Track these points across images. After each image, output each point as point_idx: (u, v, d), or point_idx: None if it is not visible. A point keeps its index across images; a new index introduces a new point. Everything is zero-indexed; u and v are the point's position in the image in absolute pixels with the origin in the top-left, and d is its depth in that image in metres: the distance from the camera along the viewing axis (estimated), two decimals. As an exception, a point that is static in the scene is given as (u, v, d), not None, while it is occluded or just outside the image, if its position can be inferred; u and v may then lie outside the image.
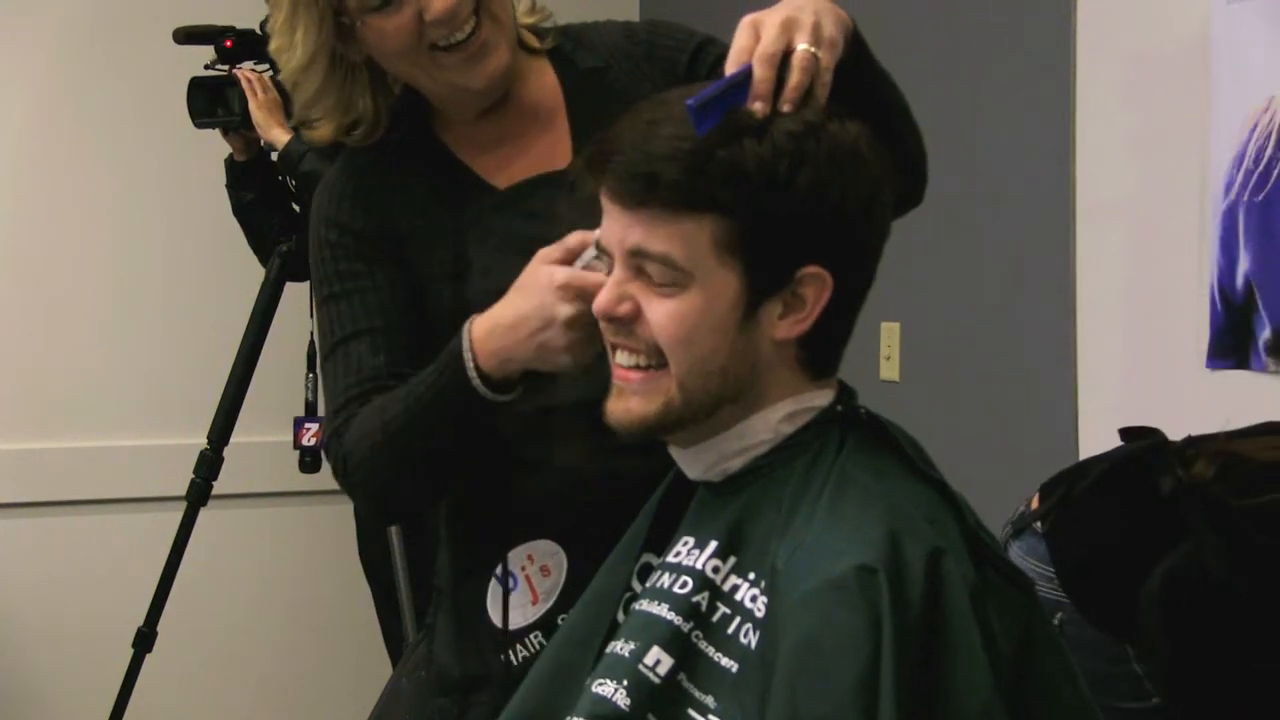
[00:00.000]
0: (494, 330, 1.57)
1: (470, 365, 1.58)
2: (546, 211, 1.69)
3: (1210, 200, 2.69)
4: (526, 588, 1.73)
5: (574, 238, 1.53)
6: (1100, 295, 2.91)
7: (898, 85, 1.63)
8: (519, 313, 1.55)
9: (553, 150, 1.75)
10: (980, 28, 3.22)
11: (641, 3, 4.43)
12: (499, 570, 1.73)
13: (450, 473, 1.70)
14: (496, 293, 1.61)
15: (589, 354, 1.54)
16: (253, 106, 3.31)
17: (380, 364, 1.69)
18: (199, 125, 3.40)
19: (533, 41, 1.80)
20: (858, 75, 1.48)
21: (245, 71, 3.34)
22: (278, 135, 3.31)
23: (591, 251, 1.51)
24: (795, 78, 1.39)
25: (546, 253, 1.54)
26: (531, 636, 1.72)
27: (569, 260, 1.53)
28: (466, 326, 1.59)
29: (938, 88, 2.68)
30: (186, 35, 3.36)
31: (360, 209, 1.75)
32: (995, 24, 3.18)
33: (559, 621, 1.68)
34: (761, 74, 1.38)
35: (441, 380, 1.60)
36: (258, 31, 3.39)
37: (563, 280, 1.51)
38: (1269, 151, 2.75)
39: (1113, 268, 2.88)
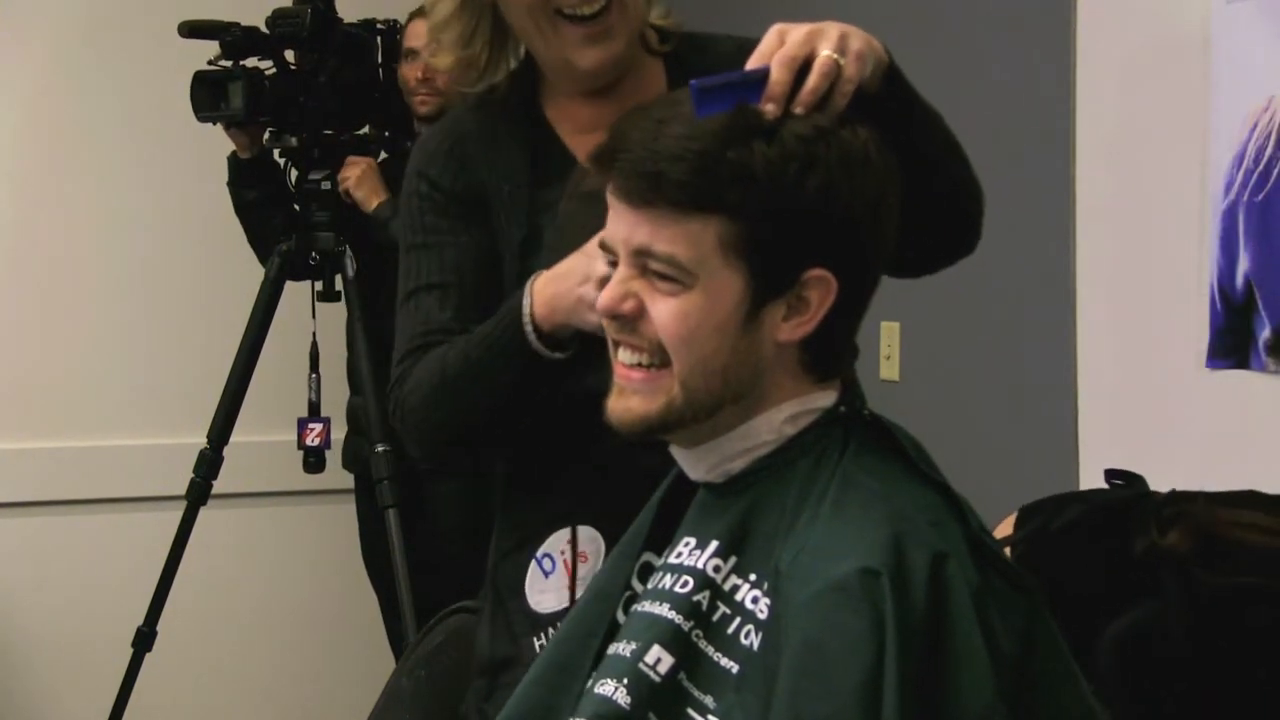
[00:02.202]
0: (549, 280, 1.64)
1: (526, 311, 1.64)
2: None
3: (1210, 200, 2.69)
4: (564, 573, 1.74)
5: None
6: (1100, 295, 2.91)
7: (945, 124, 1.64)
8: (569, 266, 1.63)
9: None
10: (979, 27, 3.22)
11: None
12: (539, 553, 1.75)
13: (499, 429, 1.73)
14: None
15: None
16: (351, 184, 3.39)
17: (447, 319, 1.75)
18: (201, 119, 3.40)
19: (653, 41, 1.83)
20: (892, 106, 1.49)
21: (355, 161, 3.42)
22: (372, 201, 3.44)
23: None
24: (813, 81, 1.39)
25: None
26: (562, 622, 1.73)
27: None
28: (532, 277, 1.66)
29: (936, 88, 2.67)
30: (191, 30, 3.37)
31: (452, 168, 1.80)
32: (994, 23, 3.18)
33: None
34: (778, 76, 1.38)
35: (499, 326, 1.67)
36: (263, 29, 3.39)
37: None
38: (1269, 151, 2.75)
39: (1112, 267, 2.88)
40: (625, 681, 1.35)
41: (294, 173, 3.50)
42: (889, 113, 1.46)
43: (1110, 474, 2.13)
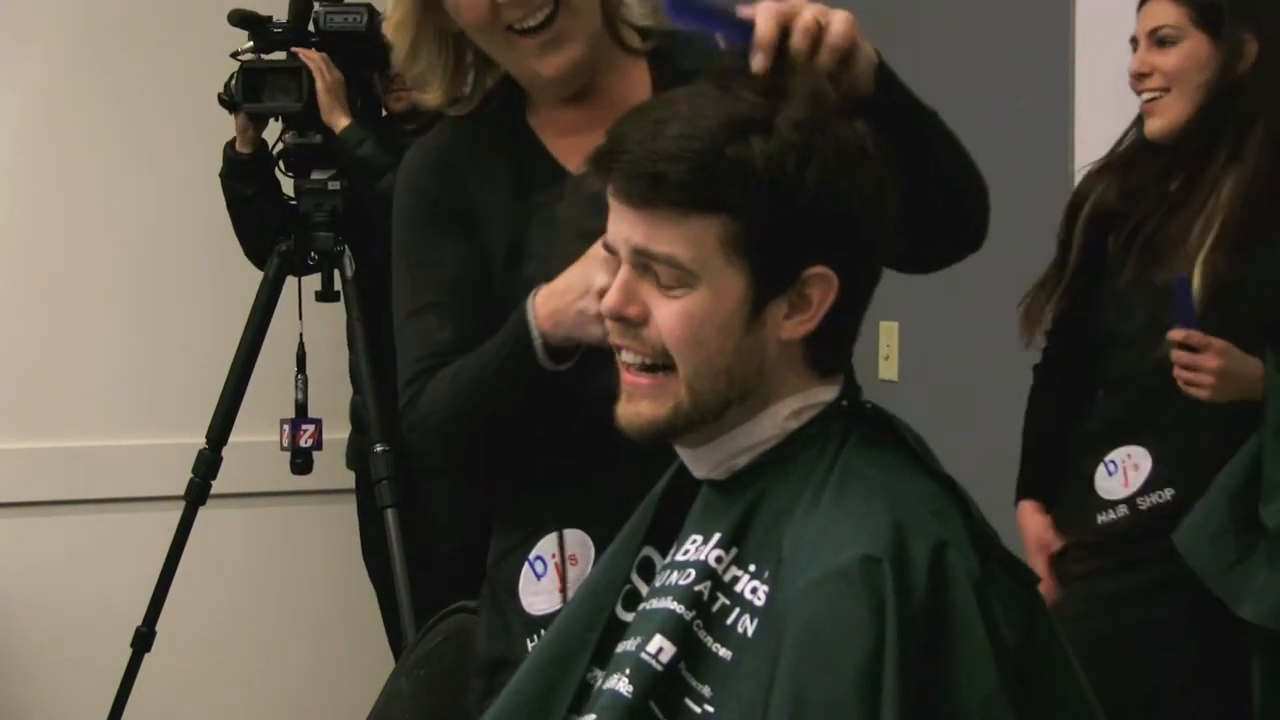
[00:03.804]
0: (550, 295, 1.65)
1: (533, 327, 1.64)
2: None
3: (1209, 199, 2.68)
4: (554, 575, 1.75)
5: None
6: (1099, 295, 2.90)
7: (943, 123, 1.66)
8: (569, 280, 1.63)
9: None
10: (979, 27, 3.22)
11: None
12: (532, 555, 1.76)
13: (518, 438, 1.74)
14: (549, 277, 1.67)
15: None
16: (320, 88, 3.34)
17: (447, 339, 1.76)
18: (248, 110, 3.37)
19: (634, 41, 1.82)
20: (886, 106, 1.50)
21: (309, 54, 3.35)
22: (338, 119, 3.34)
23: None
24: (796, 38, 1.41)
25: None
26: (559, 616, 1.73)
27: None
28: (533, 292, 1.66)
29: (936, 88, 2.68)
30: (242, 19, 3.36)
31: (440, 179, 1.81)
32: (994, 24, 3.19)
33: None
34: (765, 27, 1.41)
35: (507, 344, 1.68)
36: (282, 23, 3.38)
37: (606, 254, 1.55)
38: (1268, 151, 2.74)
39: (1112, 267, 2.88)
40: (628, 672, 1.36)
41: (278, 170, 3.48)
42: (883, 112, 1.46)
43: None
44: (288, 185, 3.47)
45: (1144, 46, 2.58)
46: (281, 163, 3.46)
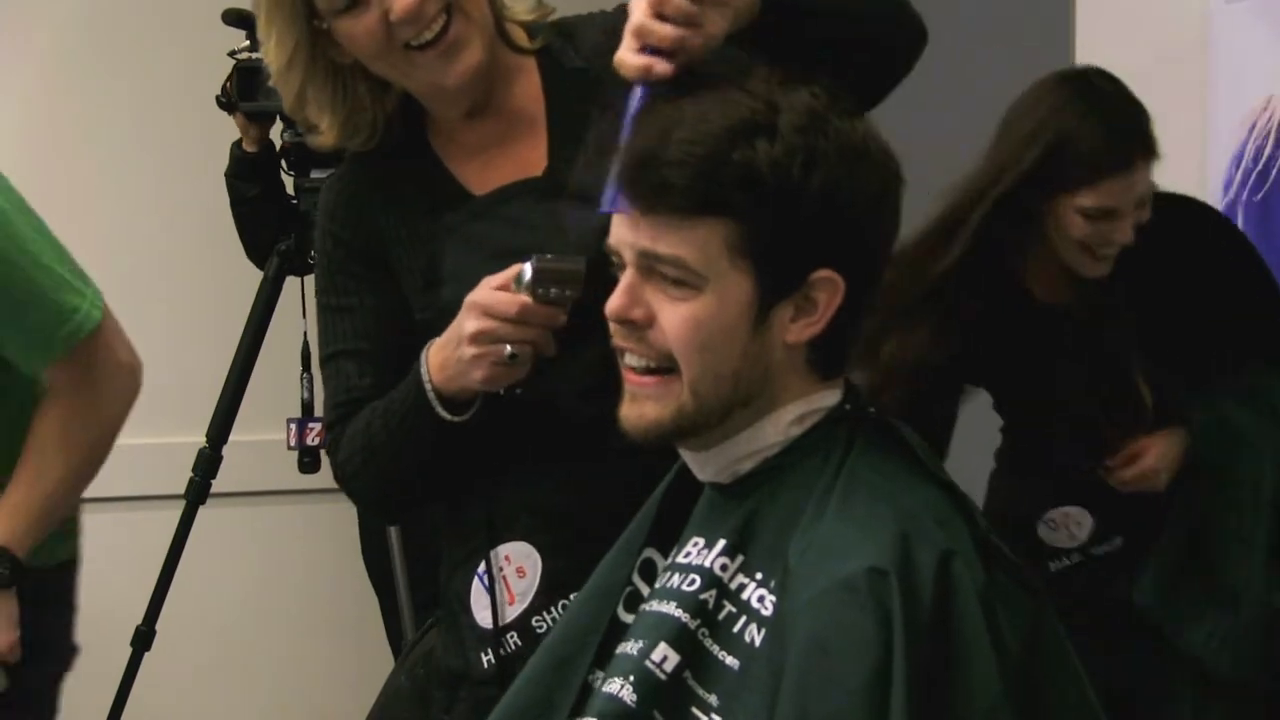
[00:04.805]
0: (439, 347, 1.67)
1: (427, 383, 1.67)
2: (520, 218, 1.72)
3: (1210, 198, 2.70)
4: (503, 588, 1.76)
5: (514, 268, 1.60)
6: (1099, 294, 2.90)
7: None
8: (449, 332, 1.65)
9: (531, 156, 1.77)
10: (979, 27, 3.22)
11: None
12: (480, 569, 1.76)
13: (439, 476, 1.76)
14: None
15: (498, 374, 1.62)
16: None
17: (366, 384, 1.78)
18: (245, 109, 3.37)
19: (522, 40, 1.80)
20: (773, 20, 1.49)
21: None
22: None
23: (526, 272, 1.58)
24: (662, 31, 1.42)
25: (488, 280, 1.61)
26: (508, 636, 1.74)
27: (506, 285, 1.60)
28: (426, 347, 1.68)
29: (936, 87, 2.70)
30: (237, 17, 3.35)
31: (351, 220, 1.80)
32: (995, 25, 3.19)
33: (533, 623, 1.72)
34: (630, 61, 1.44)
35: (408, 399, 1.70)
36: None
37: (473, 298, 1.60)
38: (1268, 150, 2.76)
39: (1112, 267, 2.88)
40: (631, 679, 1.36)
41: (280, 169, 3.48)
42: (774, 26, 1.47)
43: None
44: (289, 184, 3.47)
45: (1131, 213, 2.35)
46: (282, 161, 3.46)
